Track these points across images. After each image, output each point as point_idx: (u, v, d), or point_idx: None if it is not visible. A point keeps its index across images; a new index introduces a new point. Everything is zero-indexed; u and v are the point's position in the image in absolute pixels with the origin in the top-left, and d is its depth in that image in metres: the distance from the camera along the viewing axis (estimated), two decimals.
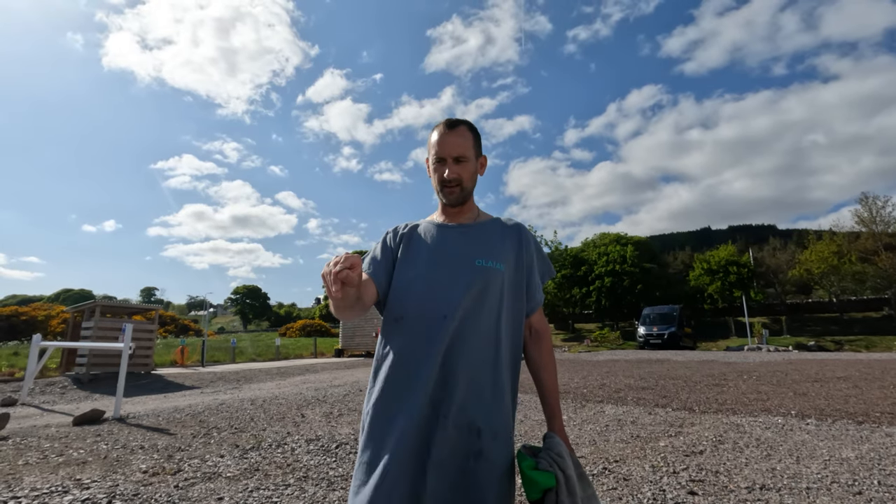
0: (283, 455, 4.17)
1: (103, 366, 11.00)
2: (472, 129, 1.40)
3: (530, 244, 1.42)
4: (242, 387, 10.36)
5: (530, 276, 1.40)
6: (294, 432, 5.12)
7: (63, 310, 25.48)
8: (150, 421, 6.04)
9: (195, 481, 3.45)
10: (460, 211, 1.43)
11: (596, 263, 37.10)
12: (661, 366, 13.13)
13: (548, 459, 1.18)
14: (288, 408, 6.82)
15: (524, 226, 1.46)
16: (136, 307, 13.98)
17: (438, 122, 1.40)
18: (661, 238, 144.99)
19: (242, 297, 77.96)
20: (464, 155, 1.35)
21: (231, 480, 3.46)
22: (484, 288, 1.29)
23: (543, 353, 1.39)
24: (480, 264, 1.31)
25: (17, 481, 3.49)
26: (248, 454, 4.22)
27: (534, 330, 1.42)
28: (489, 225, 1.43)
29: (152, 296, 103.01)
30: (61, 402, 8.78)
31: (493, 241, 1.37)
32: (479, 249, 1.34)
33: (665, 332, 24.38)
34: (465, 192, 1.39)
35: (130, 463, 3.98)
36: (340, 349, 21.24)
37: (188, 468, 3.80)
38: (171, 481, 3.46)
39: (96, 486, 3.35)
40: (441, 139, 1.35)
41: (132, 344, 7.01)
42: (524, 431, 4.97)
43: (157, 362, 14.00)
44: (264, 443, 4.64)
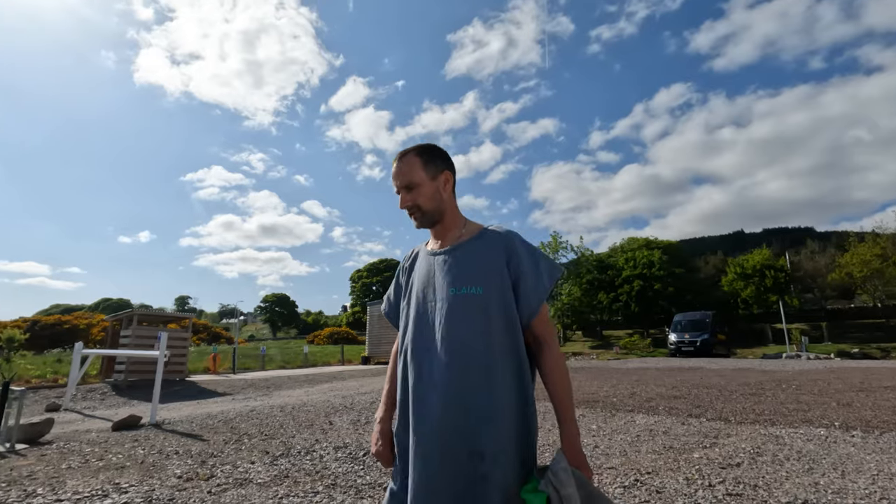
0: (311, 462, 4.22)
1: (140, 373, 11.38)
2: (422, 151, 1.42)
3: (518, 252, 1.36)
4: (272, 394, 10.55)
5: (520, 285, 1.33)
6: (322, 439, 5.18)
7: (103, 318, 26.48)
8: (184, 427, 6.20)
9: (227, 487, 3.52)
10: (444, 230, 1.45)
11: (624, 269, 36.42)
12: (693, 374, 12.75)
13: (546, 479, 1.14)
14: (316, 415, 6.90)
15: (512, 234, 1.41)
16: (171, 316, 14.44)
17: None
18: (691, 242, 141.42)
19: (271, 305, 79.63)
20: (412, 181, 1.38)
21: (262, 487, 3.52)
22: (462, 316, 1.30)
23: (547, 363, 1.33)
24: (454, 293, 1.32)
25: (61, 484, 3.63)
26: (277, 461, 4.29)
27: (536, 339, 1.36)
28: (470, 245, 1.40)
29: (186, 304, 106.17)
30: (101, 407, 9.11)
31: (471, 265, 1.36)
32: (455, 277, 1.34)
33: (697, 339, 23.67)
34: (428, 215, 1.42)
35: (166, 468, 4.09)
36: (367, 356, 21.41)
37: (220, 474, 3.88)
38: (204, 487, 3.53)
39: (134, 490, 3.46)
40: (393, 172, 1.42)
41: (167, 352, 7.23)
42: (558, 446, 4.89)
43: (190, 369, 14.39)
44: (293, 450, 4.70)
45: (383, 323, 21.32)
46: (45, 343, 25.74)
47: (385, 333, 20.90)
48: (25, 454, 4.76)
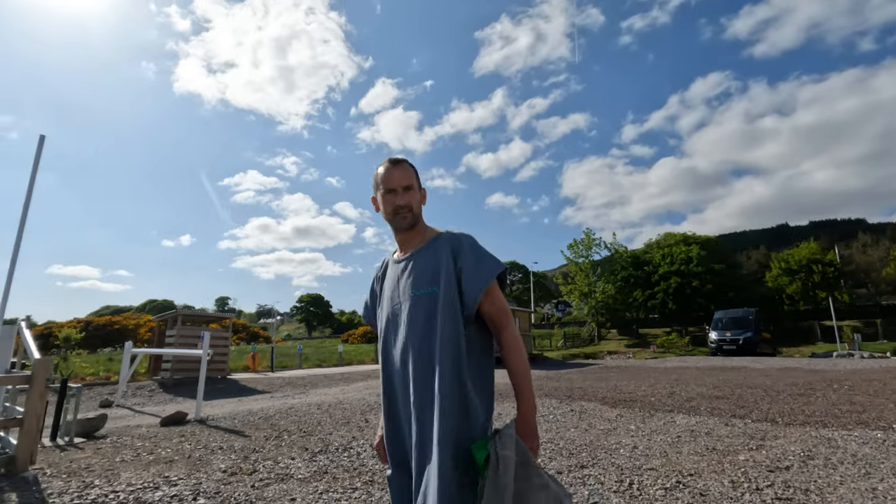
0: (349, 459, 4.29)
1: (185, 371, 11.84)
2: (412, 165, 1.61)
3: (463, 250, 1.50)
4: (309, 392, 10.79)
5: (462, 277, 1.47)
6: (359, 437, 5.26)
7: (149, 319, 27.69)
8: (227, 423, 6.42)
9: (269, 482, 3.62)
10: (411, 237, 1.60)
11: (660, 265, 35.41)
12: (736, 373, 12.29)
13: (493, 440, 1.28)
14: (352, 413, 7.02)
15: (462, 236, 1.55)
16: (212, 316, 14.96)
17: (381, 162, 1.61)
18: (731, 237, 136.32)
19: (306, 306, 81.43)
20: (411, 184, 1.55)
21: (302, 482, 3.61)
22: (424, 315, 1.45)
23: (503, 345, 1.47)
24: (414, 293, 1.48)
25: (115, 476, 3.83)
26: (316, 457, 4.38)
27: (491, 324, 1.50)
28: (426, 250, 1.55)
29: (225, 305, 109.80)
30: (150, 404, 9.54)
31: (427, 266, 1.51)
32: (416, 279, 1.50)
33: (740, 337, 22.77)
34: (415, 217, 1.57)
35: (211, 462, 4.24)
36: None
37: (262, 469, 4.00)
38: (247, 481, 3.65)
39: (182, 483, 3.61)
40: (389, 174, 1.56)
41: (210, 350, 7.49)
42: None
43: (231, 368, 14.88)
44: (331, 446, 4.79)
45: None
46: (97, 342, 27.14)
47: None
48: (83, 447, 5.04)
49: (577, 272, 35.04)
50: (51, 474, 3.92)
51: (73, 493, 3.39)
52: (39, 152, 8.16)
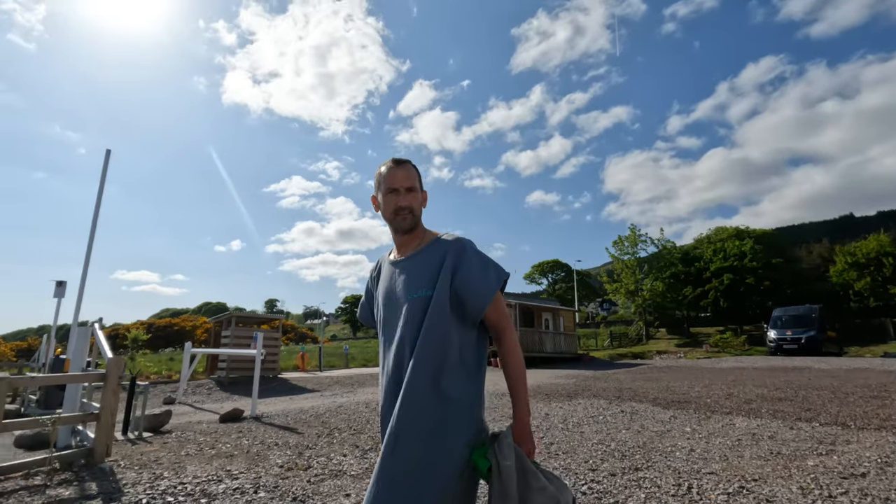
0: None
1: (239, 370, 12.37)
2: (415, 166, 1.60)
3: (465, 256, 1.48)
4: (356, 390, 11.02)
5: (468, 284, 1.45)
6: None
7: (205, 321, 29.07)
8: (280, 420, 6.66)
9: (324, 477, 3.73)
10: (410, 239, 1.58)
11: (712, 261, 33.86)
12: (799, 374, 11.60)
13: (492, 449, 1.32)
14: None
15: (461, 240, 1.53)
16: (263, 317, 15.55)
17: (384, 162, 1.60)
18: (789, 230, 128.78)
19: (351, 307, 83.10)
20: (413, 186, 1.54)
21: (355, 479, 3.69)
22: (417, 317, 1.44)
23: (501, 351, 1.48)
24: (411, 296, 1.46)
25: (182, 469, 4.05)
26: (367, 454, 4.47)
27: (492, 330, 1.51)
28: (424, 253, 1.53)
29: (274, 307, 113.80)
30: (208, 401, 10.03)
31: (424, 269, 1.49)
32: (412, 282, 1.49)
33: (802, 335, 21.45)
34: (416, 219, 1.55)
35: (268, 458, 4.41)
36: None
37: (317, 465, 4.12)
38: (303, 476, 3.77)
39: (243, 477, 3.77)
40: (392, 173, 1.54)
41: (263, 350, 7.78)
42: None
43: (281, 367, 15.42)
44: (380, 445, 4.87)
45: None
46: (159, 343, 28.79)
47: None
48: (151, 441, 5.36)
49: (622, 270, 34.04)
50: (124, 466, 4.19)
51: (145, 484, 3.62)
52: (106, 166, 8.74)
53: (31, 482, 3.69)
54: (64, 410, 4.96)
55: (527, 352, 18.69)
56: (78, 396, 5.32)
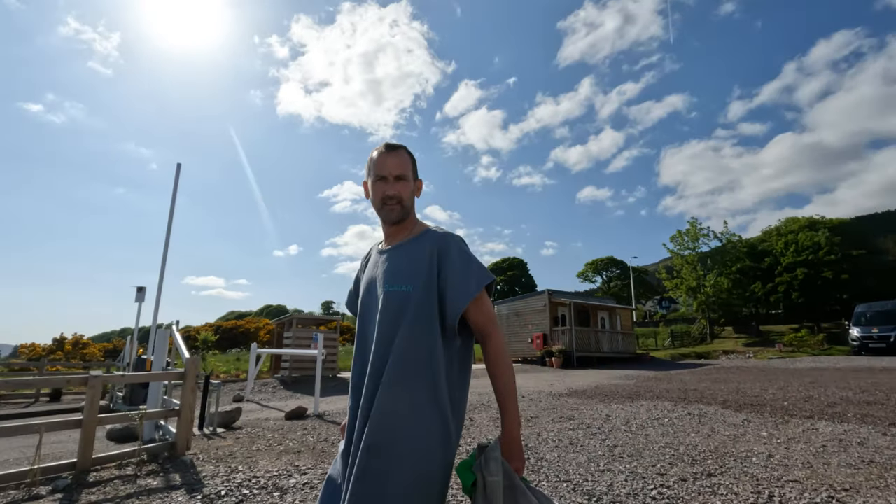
0: (458, 457, 4.37)
1: (301, 369, 12.87)
2: (410, 153, 1.52)
3: (450, 254, 1.41)
4: None
5: (448, 285, 1.38)
6: (465, 435, 5.34)
7: (268, 322, 30.46)
8: (342, 418, 6.86)
9: None
10: (399, 230, 1.51)
11: (783, 254, 31.62)
12: (889, 376, 10.62)
13: (479, 462, 1.24)
14: None
15: (449, 236, 1.47)
16: (322, 318, 16.10)
17: (377, 146, 1.51)
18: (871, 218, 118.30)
19: None
20: (404, 174, 1.47)
21: None
22: (393, 312, 1.37)
23: (487, 356, 1.38)
24: (387, 289, 1.40)
25: (254, 463, 4.26)
26: None
27: (478, 334, 1.43)
28: (408, 245, 1.47)
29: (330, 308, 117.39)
30: (273, 399, 10.50)
31: (405, 262, 1.43)
32: (390, 275, 1.42)
33: (891, 333, 19.61)
34: (405, 210, 1.48)
35: (333, 454, 4.56)
36: None
37: None
38: None
39: (311, 472, 3.92)
40: (382, 160, 1.47)
41: (324, 350, 8.05)
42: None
43: (340, 367, 15.90)
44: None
45: (513, 322, 21.34)
46: (226, 344, 30.50)
47: (515, 332, 20.89)
48: (225, 437, 5.68)
49: (682, 265, 32.49)
50: (203, 459, 4.47)
51: (222, 477, 3.84)
52: (177, 178, 9.35)
53: (123, 472, 4.01)
54: (148, 406, 5.35)
55: (582, 351, 18.25)
56: (160, 393, 5.73)
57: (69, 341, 22.20)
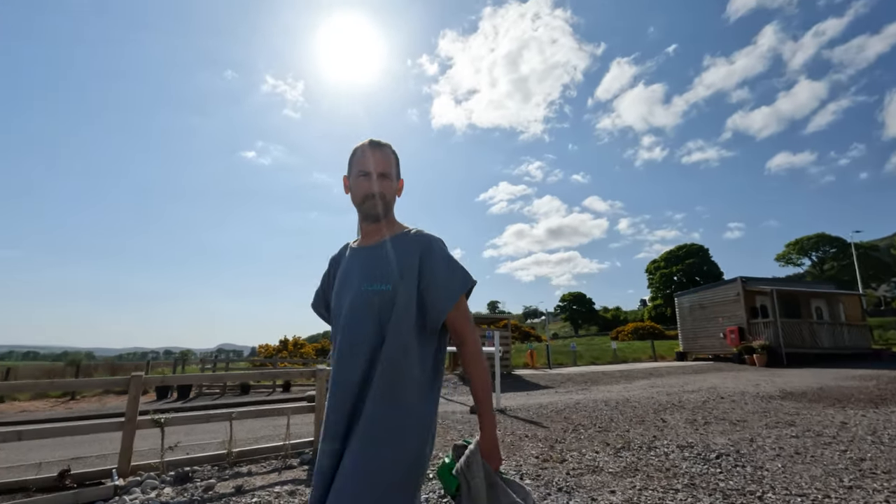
0: (657, 458, 4.09)
1: None
2: (394, 152, 1.50)
3: (433, 256, 1.39)
4: (591, 388, 10.82)
5: (430, 288, 1.37)
6: (660, 436, 4.97)
7: None
8: (523, 414, 6.98)
9: (582, 472, 3.76)
10: (377, 228, 1.47)
11: None
12: None
13: (460, 466, 1.26)
14: (644, 411, 6.70)
15: (432, 238, 1.44)
16: (493, 317, 16.64)
17: (360, 143, 1.49)
18: None
19: (569, 304, 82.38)
20: (389, 172, 1.45)
21: (615, 476, 3.61)
22: (368, 311, 1.34)
23: (464, 359, 1.39)
24: (365, 288, 1.36)
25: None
26: (620, 453, 4.33)
27: (455, 337, 1.41)
28: (388, 244, 1.43)
29: (496, 308, 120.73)
30: (455, 394, 11.18)
31: (384, 263, 1.39)
32: (368, 273, 1.39)
33: None
34: (386, 208, 1.45)
35: (522, 448, 4.67)
36: (682, 352, 19.65)
37: (570, 459, 4.18)
38: (560, 468, 3.87)
39: (505, 463, 4.08)
40: (366, 156, 1.44)
41: (501, 348, 8.30)
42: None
43: (514, 363, 16.22)
44: (633, 444, 4.67)
45: (697, 315, 19.17)
46: None
47: (701, 327, 18.72)
48: None
49: None
50: None
51: None
52: None
53: None
54: None
55: (792, 347, 15.47)
56: None
57: (290, 342, 26.83)
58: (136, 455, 4.22)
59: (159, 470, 3.98)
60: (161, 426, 4.07)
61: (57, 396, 14.67)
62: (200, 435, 6.55)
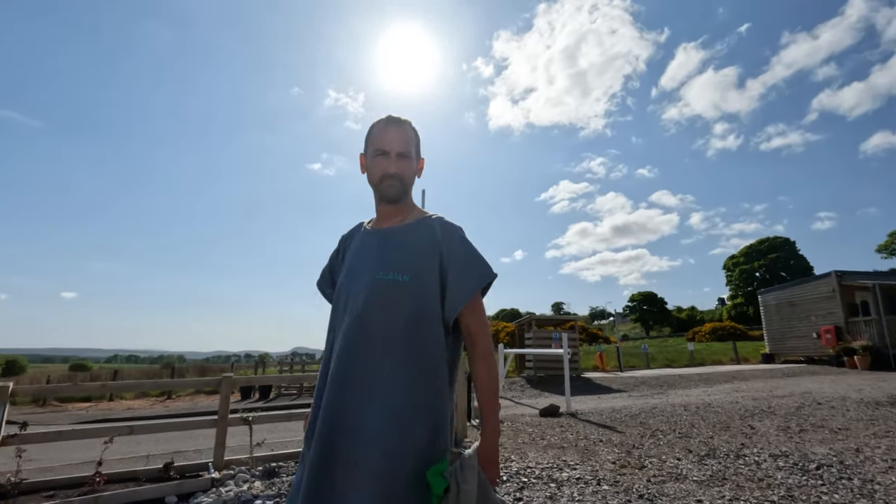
0: (748, 468, 3.82)
1: (545, 369, 13.24)
2: (415, 130, 1.40)
3: (453, 247, 1.30)
4: (667, 392, 10.29)
5: (448, 280, 1.27)
6: (749, 444, 4.64)
7: (506, 325, 32.36)
8: (596, 418, 6.77)
9: (664, 479, 3.59)
10: (394, 211, 1.38)
11: None
12: None
13: (453, 468, 1.16)
14: (729, 417, 6.27)
15: (452, 227, 1.35)
16: (559, 318, 16.29)
17: (378, 119, 1.38)
18: None
19: (639, 304, 78.77)
20: (408, 151, 1.35)
21: (701, 485, 3.42)
22: (383, 302, 1.23)
23: (472, 361, 1.28)
24: (380, 277, 1.25)
25: (524, 455, 4.56)
26: (705, 461, 4.09)
27: (466, 335, 1.30)
28: (406, 230, 1.34)
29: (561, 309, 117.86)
30: (524, 397, 11.05)
31: (401, 251, 1.30)
32: (384, 261, 1.28)
33: None
34: (403, 189, 1.36)
35: (597, 453, 4.53)
36: (769, 354, 18.21)
37: (650, 465, 4.00)
38: (640, 475, 3.72)
39: (580, 468, 3.98)
40: (384, 133, 1.34)
41: (569, 350, 8.12)
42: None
43: (582, 366, 15.76)
44: (719, 451, 4.39)
45: (785, 314, 17.68)
46: None
47: (791, 326, 17.25)
48: None
49: None
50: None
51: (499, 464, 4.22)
52: (423, 204, 10.82)
53: None
54: None
55: None
56: None
57: None
58: (226, 450, 4.54)
59: (249, 465, 4.26)
60: (249, 424, 4.36)
61: (156, 395, 16.10)
62: (282, 433, 6.94)
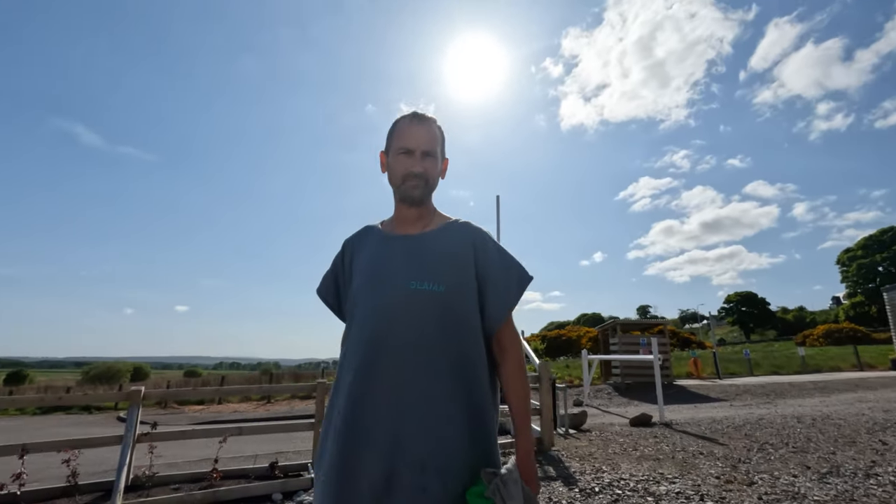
0: (881, 489, 3.39)
1: (633, 375, 12.62)
2: (440, 128, 1.31)
3: (487, 252, 1.23)
4: (776, 402, 9.39)
5: (487, 290, 1.21)
6: (881, 462, 4.11)
7: (588, 330, 31.24)
8: (693, 429, 6.33)
9: (778, 497, 3.28)
10: (417, 214, 1.29)
11: None
12: None
13: (494, 486, 1.05)
14: (854, 431, 5.59)
15: (483, 232, 1.28)
16: (647, 322, 15.45)
17: (402, 115, 1.29)
18: None
19: (736, 305, 72.38)
20: (434, 151, 1.26)
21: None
22: (418, 314, 1.14)
23: (506, 372, 1.20)
24: (415, 287, 1.16)
25: (616, 466, 4.38)
26: (826, 479, 3.68)
27: (498, 346, 1.22)
28: (436, 236, 1.25)
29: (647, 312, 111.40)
30: (612, 405, 10.60)
31: (433, 259, 1.20)
32: (415, 270, 1.19)
33: None
34: (427, 190, 1.27)
35: (698, 467, 4.24)
36: None
37: (760, 482, 3.67)
38: (748, 492, 3.43)
39: (680, 482, 3.75)
40: (410, 130, 1.25)
41: (660, 356, 7.70)
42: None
43: (675, 373, 14.80)
44: (843, 469, 3.93)
45: None
46: (553, 352, 32.83)
47: None
48: (577, 437, 6.06)
49: None
50: (567, 456, 4.88)
51: (590, 475, 4.09)
52: (498, 209, 10.81)
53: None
54: None
55: None
56: None
57: None
58: None
59: None
60: None
61: (257, 399, 17.45)
62: None
